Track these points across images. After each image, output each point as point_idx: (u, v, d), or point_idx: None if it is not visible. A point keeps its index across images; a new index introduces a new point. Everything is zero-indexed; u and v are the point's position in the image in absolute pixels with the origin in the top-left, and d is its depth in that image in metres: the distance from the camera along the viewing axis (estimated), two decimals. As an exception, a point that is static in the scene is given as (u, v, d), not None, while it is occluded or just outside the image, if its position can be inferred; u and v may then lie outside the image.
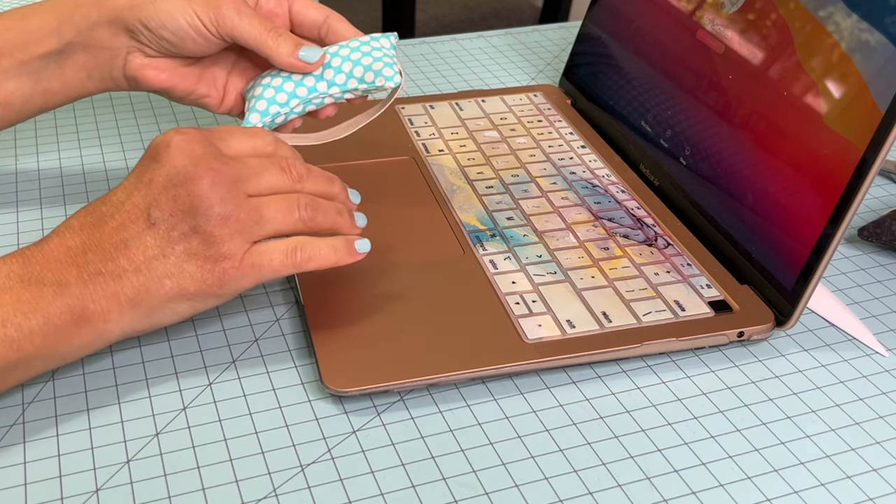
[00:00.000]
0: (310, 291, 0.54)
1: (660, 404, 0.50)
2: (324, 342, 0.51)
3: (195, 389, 0.50)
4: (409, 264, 0.57)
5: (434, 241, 0.60)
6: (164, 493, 0.44)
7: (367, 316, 0.53)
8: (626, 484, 0.45)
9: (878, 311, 0.58)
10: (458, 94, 0.78)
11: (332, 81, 0.58)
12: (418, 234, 0.60)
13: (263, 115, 0.58)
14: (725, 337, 0.53)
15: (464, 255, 0.59)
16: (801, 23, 0.56)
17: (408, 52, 0.90)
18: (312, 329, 0.52)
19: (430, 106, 0.76)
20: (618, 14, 0.74)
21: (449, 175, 0.67)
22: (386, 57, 0.58)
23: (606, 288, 0.56)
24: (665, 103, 0.66)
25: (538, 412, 0.49)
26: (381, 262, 0.57)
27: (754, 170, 0.57)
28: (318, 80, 0.58)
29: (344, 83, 0.58)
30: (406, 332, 0.52)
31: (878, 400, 0.51)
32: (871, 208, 0.68)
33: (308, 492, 0.44)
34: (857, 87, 0.51)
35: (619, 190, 0.66)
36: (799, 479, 0.46)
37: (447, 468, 0.46)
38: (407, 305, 0.54)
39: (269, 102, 0.57)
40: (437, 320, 0.53)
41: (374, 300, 0.54)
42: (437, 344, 0.51)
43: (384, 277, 0.56)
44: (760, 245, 0.56)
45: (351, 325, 0.52)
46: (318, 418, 0.48)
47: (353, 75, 0.58)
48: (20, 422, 0.47)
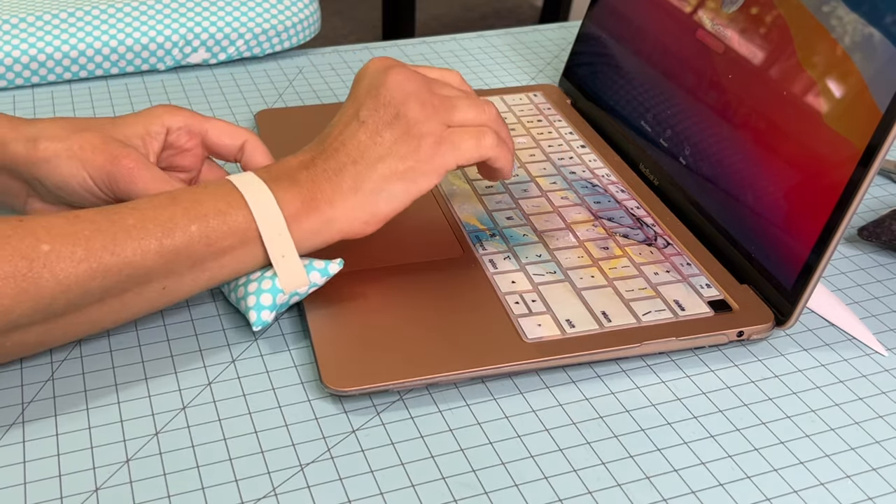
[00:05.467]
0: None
1: (659, 404, 0.50)
2: (323, 342, 0.51)
3: (195, 389, 0.50)
4: (408, 264, 0.57)
5: (434, 241, 0.60)
6: (163, 492, 0.44)
7: (367, 315, 0.53)
8: (626, 483, 0.45)
9: (877, 310, 0.58)
10: (458, 94, 0.78)
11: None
12: (418, 234, 0.60)
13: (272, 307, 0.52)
14: (725, 336, 0.53)
15: (463, 254, 0.59)
16: (801, 22, 0.56)
17: (408, 52, 0.90)
18: (312, 328, 0.52)
19: (429, 106, 0.76)
20: (618, 14, 0.74)
21: (448, 174, 0.67)
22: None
23: (606, 287, 0.56)
24: (665, 103, 0.66)
25: (538, 412, 0.49)
26: (381, 262, 0.57)
27: (754, 169, 0.57)
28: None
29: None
30: (405, 332, 0.52)
31: (877, 399, 0.51)
32: (871, 208, 0.68)
33: (307, 491, 0.44)
34: (856, 86, 0.51)
35: (619, 189, 0.66)
36: (798, 478, 0.46)
37: (447, 468, 0.46)
38: (406, 305, 0.54)
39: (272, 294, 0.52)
40: (437, 320, 0.53)
41: (374, 300, 0.54)
42: (437, 343, 0.51)
43: (384, 277, 0.56)
44: (760, 245, 0.56)
45: (350, 325, 0.52)
46: (318, 418, 0.48)
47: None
48: (20, 421, 0.47)
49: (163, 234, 0.47)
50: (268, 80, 0.84)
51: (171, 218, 0.48)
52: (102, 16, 0.82)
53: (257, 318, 0.51)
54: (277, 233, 0.50)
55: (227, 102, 0.80)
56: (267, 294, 0.51)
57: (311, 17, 0.89)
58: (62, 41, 0.80)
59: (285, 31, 0.87)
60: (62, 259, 0.45)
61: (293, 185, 0.51)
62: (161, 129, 0.57)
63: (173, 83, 0.83)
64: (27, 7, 0.82)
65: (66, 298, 0.45)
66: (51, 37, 0.80)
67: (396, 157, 0.52)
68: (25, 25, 0.80)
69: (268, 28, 0.86)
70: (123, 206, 0.48)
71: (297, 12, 0.87)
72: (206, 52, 0.84)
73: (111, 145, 0.54)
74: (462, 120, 0.54)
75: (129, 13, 0.83)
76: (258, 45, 0.86)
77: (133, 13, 0.83)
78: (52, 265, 0.44)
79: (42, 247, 0.45)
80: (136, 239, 0.47)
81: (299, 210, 0.51)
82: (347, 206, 0.52)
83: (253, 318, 0.51)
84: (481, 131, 0.54)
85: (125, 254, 0.46)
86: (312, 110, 0.77)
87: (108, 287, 0.47)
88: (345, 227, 0.52)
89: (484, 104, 0.55)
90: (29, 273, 0.44)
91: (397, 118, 0.53)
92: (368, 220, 0.52)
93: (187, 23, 0.83)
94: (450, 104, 0.54)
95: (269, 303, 0.51)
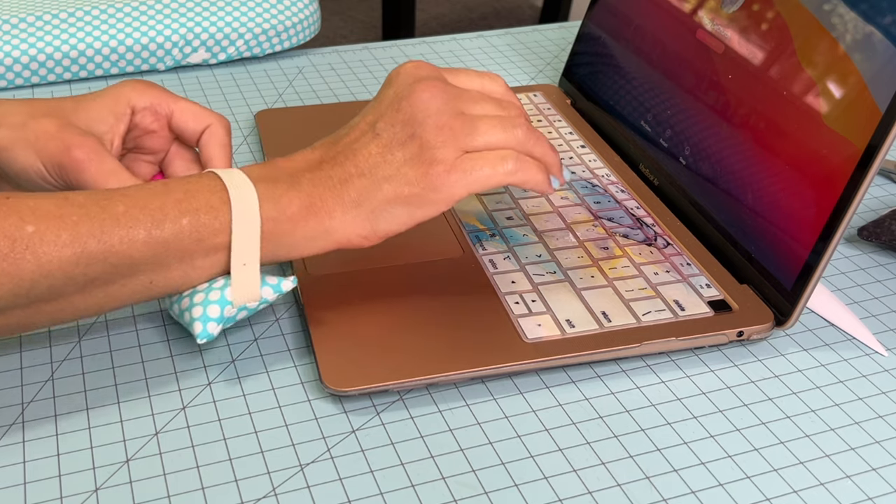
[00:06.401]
0: (309, 291, 0.54)
1: (659, 404, 0.50)
2: (323, 341, 0.51)
3: (194, 389, 0.50)
4: (408, 264, 0.57)
5: (434, 241, 0.60)
6: (163, 492, 0.44)
7: (367, 315, 0.53)
8: (626, 483, 0.45)
9: (877, 310, 0.58)
10: (458, 94, 0.78)
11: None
12: (418, 234, 0.60)
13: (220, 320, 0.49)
14: (725, 336, 0.53)
15: (463, 254, 0.59)
16: (800, 22, 0.56)
17: (408, 52, 0.90)
18: (312, 328, 0.52)
19: (429, 106, 0.76)
20: (618, 14, 0.74)
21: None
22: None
23: (606, 287, 0.56)
24: (665, 103, 0.66)
25: (537, 412, 0.49)
26: (381, 262, 0.57)
27: (754, 169, 0.57)
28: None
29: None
30: (405, 332, 0.52)
31: (877, 399, 0.51)
32: (870, 208, 0.68)
33: (307, 491, 0.44)
34: (856, 86, 0.51)
35: (619, 189, 0.66)
36: (798, 478, 0.46)
37: (446, 468, 0.46)
38: (406, 305, 0.54)
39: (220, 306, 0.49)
40: (437, 320, 0.53)
41: (374, 300, 0.54)
42: (437, 343, 0.51)
43: (384, 277, 0.56)
44: (760, 245, 0.56)
45: (350, 325, 0.52)
46: (318, 418, 0.48)
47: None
48: (20, 421, 0.47)
49: (152, 225, 0.46)
50: (268, 80, 0.84)
51: (160, 208, 0.47)
52: (102, 16, 0.82)
53: (203, 330, 0.48)
54: (248, 238, 0.48)
55: (227, 102, 0.80)
56: (215, 305, 0.48)
57: (311, 17, 0.89)
58: (62, 41, 0.80)
59: (285, 31, 0.87)
60: (46, 242, 0.43)
61: (293, 188, 0.49)
62: (126, 110, 0.56)
63: (173, 83, 0.83)
64: (27, 7, 0.82)
65: (48, 283, 0.44)
66: (51, 37, 0.80)
67: (403, 180, 0.50)
68: (25, 25, 0.80)
69: (268, 28, 0.86)
70: (115, 191, 0.47)
71: (297, 12, 0.88)
72: (206, 52, 0.84)
73: (66, 133, 0.53)
74: (484, 144, 0.51)
75: (129, 13, 0.83)
76: (258, 45, 0.86)
77: (133, 13, 0.83)
78: (35, 247, 0.43)
79: (27, 227, 0.43)
80: (124, 227, 0.45)
81: (296, 214, 0.49)
82: (347, 219, 0.50)
83: (198, 329, 0.48)
84: (502, 157, 0.50)
85: (111, 241, 0.45)
86: (312, 110, 0.77)
87: (92, 276, 0.45)
88: (342, 239, 0.50)
89: (513, 123, 0.51)
90: (10, 253, 0.43)
91: (412, 138, 0.50)
92: (367, 236, 0.51)
93: (187, 23, 0.83)
94: (471, 127, 0.50)
95: (217, 315, 0.48)
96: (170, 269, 0.47)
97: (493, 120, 0.51)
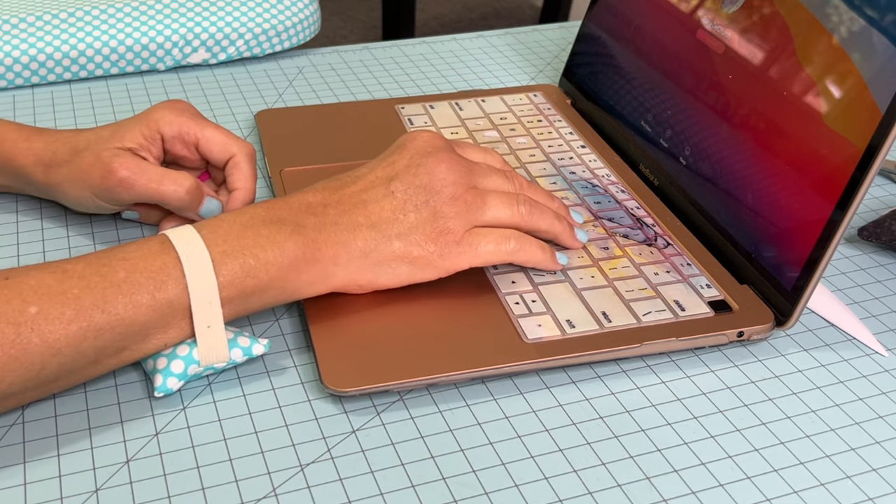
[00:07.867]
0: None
1: (659, 404, 0.50)
2: (323, 342, 0.51)
3: (195, 389, 0.50)
4: (408, 264, 0.57)
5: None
6: (163, 492, 0.44)
7: (367, 316, 0.53)
8: (626, 484, 0.45)
9: (878, 311, 0.58)
10: (458, 94, 0.78)
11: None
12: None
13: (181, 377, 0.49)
14: (725, 337, 0.53)
15: (463, 254, 0.59)
16: (801, 22, 0.56)
17: (408, 52, 0.90)
18: (312, 328, 0.52)
19: (430, 106, 0.76)
20: (618, 14, 0.74)
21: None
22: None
23: (606, 288, 0.56)
24: (665, 103, 0.66)
25: (538, 412, 0.49)
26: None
27: (754, 169, 0.57)
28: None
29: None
30: (405, 332, 0.52)
31: (877, 400, 0.51)
32: (871, 208, 0.68)
33: (307, 491, 0.44)
34: (856, 86, 0.51)
35: (619, 190, 0.66)
36: (799, 478, 0.46)
37: (447, 468, 0.46)
38: (406, 305, 0.54)
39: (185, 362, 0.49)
40: (437, 320, 0.53)
41: (374, 300, 0.54)
42: (437, 344, 0.51)
43: (384, 277, 0.56)
44: (760, 245, 0.56)
45: (350, 325, 0.52)
46: (318, 418, 0.48)
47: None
48: (20, 422, 0.47)
49: (155, 288, 0.46)
50: (268, 80, 0.84)
51: (162, 268, 0.46)
52: (102, 16, 0.82)
53: (162, 384, 0.48)
54: (208, 301, 0.47)
55: (227, 102, 0.80)
56: (179, 361, 0.48)
57: (311, 17, 0.89)
58: (62, 41, 0.80)
59: (285, 31, 0.87)
60: (51, 320, 0.43)
61: (297, 232, 0.49)
62: (157, 136, 0.58)
63: (173, 83, 0.83)
64: (27, 7, 0.82)
65: (58, 362, 0.44)
66: (51, 37, 0.80)
67: (412, 241, 0.52)
68: (25, 25, 0.80)
69: (268, 28, 0.86)
70: (114, 256, 0.46)
71: (297, 12, 0.87)
72: (206, 52, 0.84)
73: (103, 159, 0.56)
74: (493, 220, 0.54)
75: (129, 13, 0.83)
76: (258, 45, 0.86)
77: (133, 13, 0.83)
78: (41, 328, 0.43)
79: (29, 309, 0.43)
80: (126, 294, 0.45)
81: (299, 259, 0.49)
82: (351, 268, 0.51)
83: (158, 381, 0.48)
84: (505, 237, 0.54)
85: (116, 310, 0.45)
86: (312, 110, 0.77)
87: (101, 347, 0.45)
88: (339, 285, 0.51)
89: (517, 200, 0.55)
90: (17, 339, 0.42)
91: (426, 205, 0.52)
92: (364, 286, 0.52)
93: (187, 23, 0.83)
94: (482, 202, 0.53)
95: (180, 371, 0.48)
96: (183, 324, 0.47)
97: (500, 196, 0.54)
